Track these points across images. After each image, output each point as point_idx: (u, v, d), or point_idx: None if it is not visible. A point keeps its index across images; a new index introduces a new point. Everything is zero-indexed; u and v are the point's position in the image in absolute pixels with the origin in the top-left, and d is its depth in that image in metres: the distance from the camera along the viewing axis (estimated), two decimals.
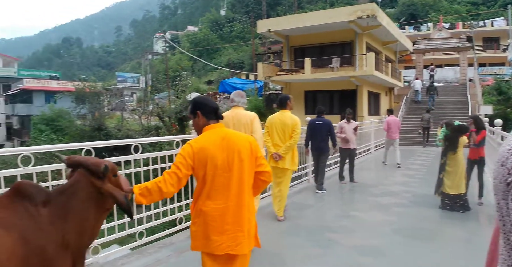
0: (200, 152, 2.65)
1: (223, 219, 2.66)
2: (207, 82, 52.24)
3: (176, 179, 2.59)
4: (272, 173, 3.03)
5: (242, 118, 4.93)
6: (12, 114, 44.61)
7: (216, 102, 3.13)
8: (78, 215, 2.01)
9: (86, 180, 2.10)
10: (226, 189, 2.68)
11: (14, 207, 1.84)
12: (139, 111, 26.75)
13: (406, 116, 22.77)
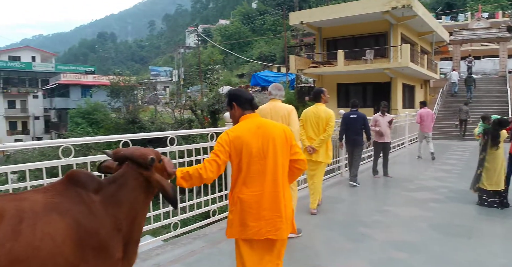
0: (236, 140, 2.76)
1: (259, 205, 2.74)
2: (238, 75, 52.37)
3: (216, 166, 2.72)
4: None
5: (280, 110, 4.94)
6: (50, 107, 46.18)
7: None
8: (128, 202, 2.13)
9: (134, 172, 2.20)
10: (261, 176, 2.76)
11: (68, 194, 1.95)
12: (172, 104, 27.09)
13: (442, 109, 22.18)
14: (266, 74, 36.45)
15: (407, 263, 4.11)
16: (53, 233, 1.79)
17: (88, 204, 1.97)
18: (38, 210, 1.81)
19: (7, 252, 1.64)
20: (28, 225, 1.74)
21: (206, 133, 5.43)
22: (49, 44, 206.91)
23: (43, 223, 1.78)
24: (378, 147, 9.29)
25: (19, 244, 1.67)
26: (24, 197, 1.86)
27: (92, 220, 1.94)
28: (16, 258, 1.66)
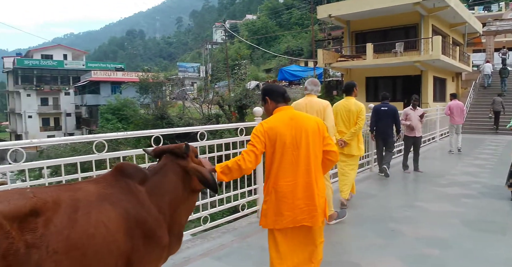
0: (270, 131, 2.87)
1: (294, 195, 2.86)
2: (265, 70, 52.32)
3: (253, 156, 2.82)
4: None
5: (315, 105, 4.96)
6: (81, 104, 47.31)
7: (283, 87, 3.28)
8: (169, 191, 2.26)
9: (173, 163, 2.35)
10: (294, 166, 2.87)
11: (118, 184, 2.09)
12: (200, 99, 27.32)
13: (474, 103, 21.58)
14: (293, 69, 36.31)
15: (438, 259, 4.04)
16: (106, 222, 1.91)
17: (136, 194, 2.10)
18: (92, 199, 1.93)
19: (65, 239, 1.73)
20: (83, 213, 1.85)
21: (235, 128, 5.46)
22: (79, 42, 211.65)
23: (97, 212, 1.90)
24: (408, 141, 9.13)
25: (75, 232, 1.77)
26: (77, 188, 1.99)
27: (141, 209, 2.07)
28: (73, 245, 1.76)
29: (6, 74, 55.93)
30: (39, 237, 1.67)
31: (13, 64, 50.82)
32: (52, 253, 1.68)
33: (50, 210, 1.75)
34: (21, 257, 1.60)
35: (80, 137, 3.85)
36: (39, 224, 1.69)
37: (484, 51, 28.70)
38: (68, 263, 1.74)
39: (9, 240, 1.58)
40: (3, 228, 1.57)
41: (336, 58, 22.34)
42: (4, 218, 1.60)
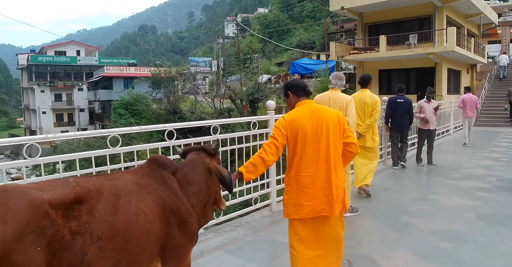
0: (292, 123, 2.99)
1: (314, 185, 2.96)
2: (277, 63, 52.08)
3: (275, 148, 2.97)
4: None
5: (338, 100, 4.97)
6: (94, 99, 47.73)
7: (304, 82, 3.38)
8: (196, 183, 2.43)
9: (200, 158, 2.55)
10: (315, 157, 2.97)
11: (154, 175, 2.23)
12: (212, 94, 27.35)
13: (489, 95, 21.26)
14: (305, 62, 36.03)
15: (453, 253, 4.01)
16: (145, 209, 2.02)
17: (170, 184, 2.24)
18: (131, 188, 2.05)
19: (108, 225, 1.83)
20: (124, 201, 1.96)
21: (247, 121, 5.46)
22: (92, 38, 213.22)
23: (136, 200, 2.02)
24: (423, 134, 9.04)
25: (118, 219, 1.88)
26: (117, 177, 2.10)
27: (175, 198, 2.21)
28: (116, 231, 1.86)
29: (20, 70, 56.69)
30: (84, 224, 1.75)
31: (27, 60, 51.46)
32: (96, 239, 1.77)
33: (93, 198, 1.85)
34: (66, 243, 1.68)
35: (94, 131, 3.89)
36: (83, 211, 1.78)
37: (499, 42, 28.21)
38: (112, 249, 1.83)
39: (54, 227, 1.65)
40: (49, 216, 1.65)
41: (348, 50, 22.15)
42: (50, 206, 1.68)
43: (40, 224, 1.62)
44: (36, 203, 1.65)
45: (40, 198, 1.68)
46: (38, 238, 1.60)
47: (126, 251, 1.90)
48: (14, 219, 1.57)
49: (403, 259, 3.88)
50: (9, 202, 1.61)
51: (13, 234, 1.54)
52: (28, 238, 1.58)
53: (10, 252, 1.53)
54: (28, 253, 1.57)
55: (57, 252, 1.66)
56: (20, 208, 1.60)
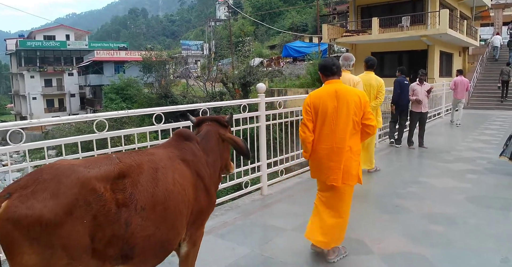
0: (315, 101, 3.35)
1: (329, 157, 3.32)
2: (270, 46, 51.65)
3: (304, 126, 3.39)
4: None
5: (346, 82, 5.01)
6: (85, 84, 47.17)
7: (333, 61, 3.57)
8: (212, 153, 2.61)
9: (215, 129, 2.72)
10: (332, 133, 3.30)
11: (182, 147, 2.42)
12: (203, 77, 27.12)
13: (481, 78, 21.27)
14: (298, 45, 35.75)
15: (443, 236, 4.02)
16: (179, 179, 2.21)
17: (196, 154, 2.44)
18: (165, 161, 2.22)
19: (150, 196, 2.00)
20: (162, 173, 2.13)
21: (238, 104, 5.39)
22: (82, 22, 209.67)
23: (171, 171, 2.19)
24: (415, 117, 9.02)
25: (158, 189, 2.05)
26: (151, 152, 2.26)
27: (201, 167, 2.43)
28: (157, 201, 2.02)
29: (9, 56, 55.69)
30: (129, 196, 1.91)
31: (16, 46, 50.40)
32: (140, 210, 1.93)
33: (135, 173, 2.00)
34: (112, 216, 1.83)
35: (81, 116, 3.79)
36: (127, 184, 1.93)
37: (492, 25, 28.13)
38: (154, 218, 1.99)
39: (101, 202, 1.80)
40: (97, 191, 1.80)
41: (341, 33, 21.98)
42: (98, 181, 1.83)
43: (88, 199, 1.76)
44: (84, 180, 1.78)
45: (87, 175, 1.82)
46: (85, 212, 1.75)
47: (165, 218, 2.07)
48: (65, 194, 1.71)
49: (394, 242, 3.88)
50: (61, 179, 1.75)
51: (64, 208, 1.69)
52: (76, 212, 1.72)
53: (61, 225, 1.67)
54: (75, 226, 1.71)
55: (102, 225, 1.80)
56: (70, 185, 1.74)
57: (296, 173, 6.42)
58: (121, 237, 1.87)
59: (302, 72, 28.30)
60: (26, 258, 1.65)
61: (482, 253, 3.63)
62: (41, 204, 1.66)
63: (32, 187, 1.70)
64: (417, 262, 3.48)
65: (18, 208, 1.64)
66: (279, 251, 3.70)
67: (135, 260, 1.98)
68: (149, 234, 1.98)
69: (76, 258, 1.74)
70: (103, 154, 3.67)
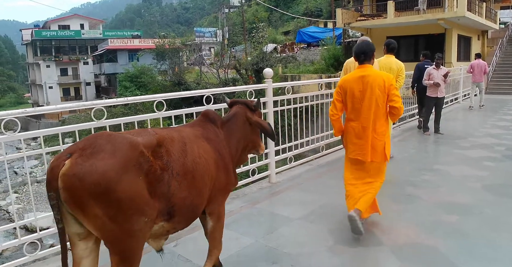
0: (344, 84, 3.75)
1: (356, 136, 3.71)
2: (284, 32, 50.99)
3: (333, 106, 3.82)
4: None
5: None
6: (100, 73, 47.37)
7: (365, 45, 3.77)
8: (236, 135, 2.84)
9: (243, 112, 2.93)
10: (359, 114, 3.67)
11: (207, 127, 2.68)
12: (217, 64, 26.92)
13: (500, 62, 20.65)
14: (312, 30, 35.16)
15: (457, 226, 3.83)
16: (203, 154, 2.45)
17: (219, 135, 2.70)
18: (192, 138, 2.47)
19: (182, 165, 2.25)
20: (190, 147, 2.37)
21: (244, 90, 5.24)
22: (97, 11, 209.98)
23: (197, 147, 2.44)
24: (431, 102, 8.74)
25: (187, 160, 2.29)
26: (180, 129, 2.51)
27: (222, 146, 2.67)
28: (187, 170, 2.27)
29: (25, 46, 56.18)
30: (166, 162, 2.15)
31: (31, 36, 50.71)
32: (175, 175, 2.19)
33: (168, 144, 2.24)
34: (158, 176, 2.08)
35: (78, 104, 3.67)
36: (163, 153, 2.17)
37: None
38: (185, 183, 2.25)
39: (149, 163, 2.04)
40: (144, 154, 2.03)
41: (355, 17, 21.51)
42: (144, 147, 2.06)
43: (139, 160, 1.99)
44: (134, 144, 2.01)
45: (136, 141, 2.05)
46: (139, 170, 1.98)
47: (194, 185, 2.31)
48: (120, 155, 1.93)
49: (405, 233, 3.72)
50: (115, 142, 1.96)
51: (122, 166, 1.90)
52: (132, 170, 1.94)
53: (120, 181, 1.88)
54: (132, 180, 1.93)
55: (153, 182, 2.04)
56: (124, 148, 1.96)
57: (306, 160, 6.26)
58: (166, 195, 2.13)
59: (316, 57, 27.87)
60: (96, 210, 1.84)
61: (498, 245, 3.43)
62: (101, 162, 1.85)
63: (90, 148, 1.89)
64: (429, 254, 3.31)
65: (81, 165, 1.82)
66: (284, 241, 3.57)
67: (175, 219, 2.25)
68: (184, 196, 2.24)
69: (139, 209, 1.96)
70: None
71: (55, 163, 1.87)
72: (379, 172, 3.79)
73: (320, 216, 4.16)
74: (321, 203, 4.54)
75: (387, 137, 3.73)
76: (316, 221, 4.02)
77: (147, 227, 2.05)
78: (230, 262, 3.22)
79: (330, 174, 5.75)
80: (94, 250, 2.06)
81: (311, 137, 6.34)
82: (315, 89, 6.43)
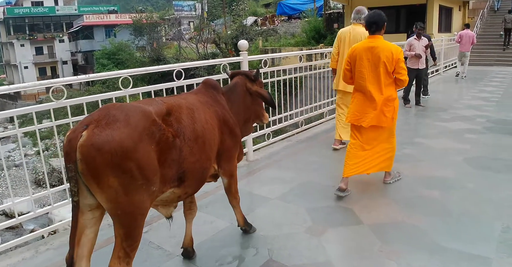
0: (354, 53, 3.90)
1: (364, 103, 3.88)
2: (265, 5, 49.94)
3: (344, 74, 4.10)
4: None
5: (357, 36, 5.12)
6: (76, 51, 45.97)
7: (377, 15, 3.82)
8: (236, 103, 2.97)
9: (243, 82, 3.06)
10: (367, 82, 3.82)
11: (209, 94, 2.77)
12: (196, 39, 26.27)
13: (481, 33, 20.58)
14: (293, 2, 34.40)
15: (438, 202, 3.72)
16: (210, 120, 2.55)
17: (220, 101, 2.79)
18: (197, 105, 2.54)
19: (192, 130, 2.33)
20: (197, 113, 2.46)
21: (218, 64, 4.99)
22: None
23: (203, 113, 2.52)
24: (411, 74, 8.54)
25: (196, 125, 2.38)
26: (185, 97, 2.59)
27: (225, 112, 2.77)
28: (197, 135, 2.36)
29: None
30: (177, 129, 2.22)
31: (3, 14, 48.54)
32: (187, 140, 2.27)
33: (177, 111, 2.30)
34: (170, 143, 2.14)
35: (34, 83, 3.38)
36: (173, 121, 2.23)
37: None
38: (196, 147, 2.34)
39: (161, 131, 2.09)
40: (156, 122, 2.08)
41: None
42: (156, 115, 2.10)
43: (151, 129, 2.03)
44: (147, 113, 2.05)
45: (148, 110, 2.09)
46: (151, 139, 2.02)
47: (203, 150, 2.41)
48: (135, 124, 1.96)
49: (385, 210, 3.60)
50: (128, 112, 1.98)
51: (137, 135, 1.94)
52: (145, 139, 1.98)
53: (136, 150, 1.91)
54: (146, 150, 1.97)
55: (164, 149, 2.09)
56: (137, 117, 1.99)
57: (285, 136, 6.08)
58: (177, 161, 2.20)
59: (297, 30, 27.39)
60: (111, 180, 1.86)
61: (481, 221, 3.33)
62: (118, 132, 1.88)
63: (105, 119, 1.90)
64: (410, 232, 3.19)
65: (99, 135, 1.84)
66: (260, 223, 3.39)
67: (186, 183, 2.33)
68: (195, 160, 2.33)
69: (149, 179, 1.99)
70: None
71: (72, 135, 1.89)
72: (382, 137, 3.99)
73: (299, 195, 4.00)
74: (300, 181, 4.38)
75: (396, 102, 3.92)
76: (294, 201, 3.86)
77: (153, 196, 2.09)
78: (204, 248, 3.06)
79: (310, 150, 5.59)
80: (98, 221, 2.08)
81: (290, 111, 6.14)
82: (295, 62, 6.18)
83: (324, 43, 21.84)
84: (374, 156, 3.98)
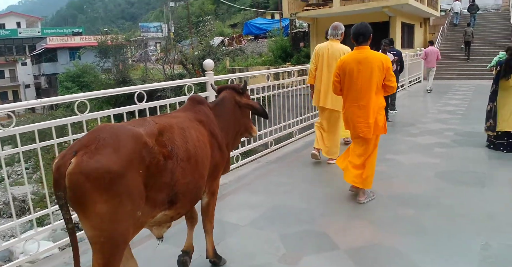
0: (343, 65, 3.95)
1: (356, 114, 3.92)
2: (231, 25, 50.41)
3: (334, 87, 4.15)
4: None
5: (336, 52, 5.20)
6: (39, 74, 44.78)
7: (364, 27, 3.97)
8: (225, 117, 2.87)
9: (231, 96, 2.98)
10: (357, 93, 3.89)
11: (197, 110, 2.71)
12: (163, 60, 26.05)
13: (442, 48, 21.15)
14: (259, 22, 34.89)
15: (414, 220, 3.62)
16: (200, 137, 2.50)
17: (210, 117, 2.73)
18: (187, 122, 2.50)
19: (185, 150, 2.27)
20: (188, 132, 2.40)
21: (182, 84, 4.81)
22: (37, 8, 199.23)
23: (194, 130, 2.48)
24: None
25: (189, 145, 2.33)
26: (175, 116, 2.55)
27: (214, 127, 2.71)
28: (190, 155, 2.31)
29: None
30: (170, 150, 2.17)
31: None
32: (180, 161, 2.21)
33: (169, 131, 2.25)
34: (161, 166, 2.08)
35: None
36: (166, 141, 2.18)
37: None
38: (189, 168, 2.28)
39: (152, 154, 2.03)
40: (148, 145, 2.02)
41: (302, 7, 21.32)
42: (147, 137, 2.06)
43: (142, 152, 1.98)
44: (138, 136, 2.00)
45: (139, 132, 2.04)
46: (141, 163, 1.96)
47: (197, 168, 2.37)
48: (124, 148, 1.90)
49: (361, 233, 3.44)
50: (118, 136, 1.93)
51: (126, 160, 1.88)
52: (135, 164, 1.93)
53: (124, 175, 1.86)
54: (134, 175, 1.92)
55: (154, 173, 2.04)
56: (127, 140, 1.94)
57: (254, 157, 5.91)
58: (168, 184, 2.14)
59: (264, 49, 27.61)
60: (99, 207, 1.81)
61: (459, 239, 3.23)
62: (106, 158, 1.83)
63: (94, 144, 1.86)
64: (388, 255, 3.05)
65: (87, 162, 1.80)
66: (231, 253, 3.17)
67: (178, 205, 2.28)
68: (188, 181, 2.28)
69: (136, 204, 1.94)
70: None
71: (61, 161, 1.84)
72: (376, 144, 4.11)
73: (270, 221, 3.80)
74: (271, 205, 4.18)
75: (383, 110, 3.99)
76: (266, 227, 3.65)
77: (138, 222, 2.02)
78: None
79: (280, 171, 5.43)
80: None
81: (259, 132, 5.98)
82: (263, 81, 6.06)
83: (291, 61, 22.02)
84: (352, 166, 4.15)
